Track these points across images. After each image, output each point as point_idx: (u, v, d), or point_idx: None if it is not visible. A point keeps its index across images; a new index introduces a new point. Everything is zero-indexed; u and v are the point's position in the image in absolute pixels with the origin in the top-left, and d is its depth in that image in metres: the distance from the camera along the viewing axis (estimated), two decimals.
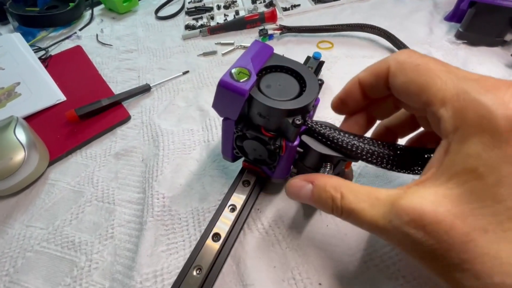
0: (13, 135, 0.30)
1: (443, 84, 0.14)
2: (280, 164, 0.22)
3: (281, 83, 0.21)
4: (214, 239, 0.22)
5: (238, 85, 0.18)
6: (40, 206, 0.29)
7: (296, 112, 0.19)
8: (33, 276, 0.24)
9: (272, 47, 0.22)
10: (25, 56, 0.47)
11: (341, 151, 0.19)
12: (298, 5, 0.54)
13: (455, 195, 0.13)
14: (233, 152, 0.25)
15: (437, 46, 0.40)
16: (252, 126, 0.21)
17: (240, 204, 0.24)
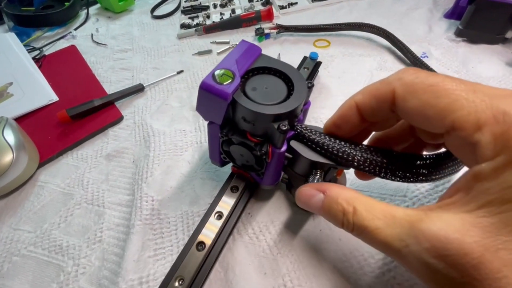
0: (1, 136, 0.29)
1: (471, 105, 0.12)
2: (268, 171, 0.21)
3: (268, 86, 0.19)
4: (199, 248, 0.21)
5: (220, 88, 0.17)
6: (28, 208, 0.29)
7: (282, 117, 0.18)
8: (19, 281, 0.24)
9: (260, 47, 0.21)
10: (19, 56, 0.46)
11: (331, 158, 0.18)
12: (295, 3, 0.53)
13: (486, 225, 0.11)
14: (220, 157, 0.24)
15: (436, 44, 0.40)
16: (237, 131, 0.20)
17: (227, 211, 0.23)
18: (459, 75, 0.35)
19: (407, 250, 0.12)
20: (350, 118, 0.18)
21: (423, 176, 0.18)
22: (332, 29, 0.43)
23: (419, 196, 0.25)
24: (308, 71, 0.34)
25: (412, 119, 0.15)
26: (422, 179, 0.18)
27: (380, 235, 0.13)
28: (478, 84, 0.13)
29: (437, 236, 0.11)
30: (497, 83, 0.33)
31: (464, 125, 0.12)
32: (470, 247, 0.11)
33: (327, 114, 0.32)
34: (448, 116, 0.13)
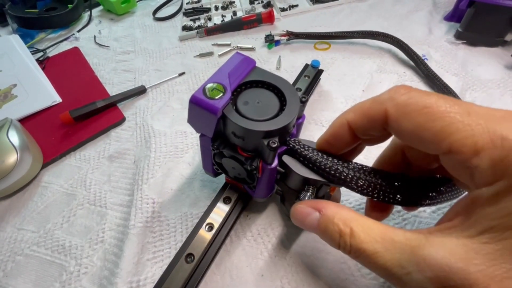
0: (6, 137, 0.30)
1: (467, 128, 0.12)
2: (260, 185, 0.21)
3: (260, 100, 0.19)
4: (187, 260, 0.21)
5: (210, 103, 0.17)
6: (32, 209, 0.29)
7: (273, 133, 0.18)
8: (22, 281, 0.24)
9: (254, 60, 0.20)
10: (23, 58, 0.47)
11: (323, 175, 0.18)
12: (296, 5, 0.53)
13: (490, 252, 0.11)
14: (213, 167, 0.24)
15: (436, 46, 0.40)
16: (228, 144, 0.20)
17: (219, 222, 0.23)
18: (459, 77, 0.35)
19: (408, 278, 0.12)
20: (342, 136, 0.17)
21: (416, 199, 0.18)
22: (344, 37, 0.42)
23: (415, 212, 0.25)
24: (309, 79, 0.34)
25: (406, 139, 0.15)
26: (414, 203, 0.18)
27: (379, 260, 0.13)
28: (471, 105, 0.13)
29: (440, 265, 0.11)
30: (496, 86, 0.33)
31: (461, 149, 0.12)
32: (475, 277, 0.11)
33: (327, 117, 0.33)
34: (444, 139, 0.13)
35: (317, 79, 0.35)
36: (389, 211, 0.20)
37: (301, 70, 0.36)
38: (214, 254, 0.22)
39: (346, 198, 0.26)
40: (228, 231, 0.23)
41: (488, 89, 0.33)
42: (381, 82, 0.36)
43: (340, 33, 0.42)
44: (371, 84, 0.36)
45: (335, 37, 0.42)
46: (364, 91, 0.35)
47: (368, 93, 0.35)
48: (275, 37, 0.44)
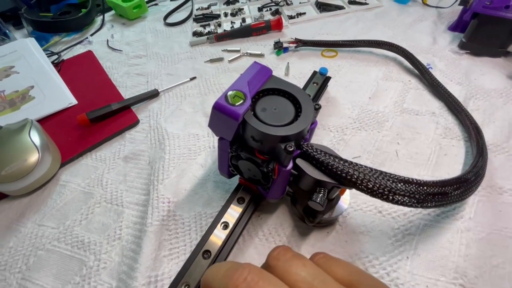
0: (28, 137, 0.31)
1: None
2: (274, 186, 0.22)
3: (277, 107, 0.20)
4: (205, 256, 0.22)
5: (232, 109, 0.18)
6: (51, 206, 0.30)
7: (289, 138, 0.19)
8: (44, 274, 0.25)
9: (271, 69, 0.22)
10: (39, 60, 0.49)
11: (335, 177, 0.19)
12: (304, 13, 0.55)
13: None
14: (229, 169, 0.25)
15: (440, 56, 0.41)
16: (246, 147, 0.21)
17: (233, 222, 0.24)
18: (462, 86, 0.36)
19: None
20: None
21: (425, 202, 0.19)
22: (351, 45, 0.43)
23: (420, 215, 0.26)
24: (317, 86, 0.35)
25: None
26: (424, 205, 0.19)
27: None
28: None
29: None
30: (499, 95, 0.34)
31: None
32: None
33: (334, 122, 0.34)
34: None
35: (325, 86, 0.36)
36: None
37: (309, 77, 0.37)
38: (228, 252, 0.23)
39: (354, 201, 0.27)
40: (242, 230, 0.25)
41: (491, 98, 0.34)
42: (387, 89, 0.37)
43: (347, 41, 0.43)
44: (377, 92, 0.37)
45: (342, 45, 0.44)
46: (370, 98, 0.36)
47: (374, 100, 0.36)
48: (284, 44, 0.46)
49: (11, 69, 0.47)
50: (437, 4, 0.52)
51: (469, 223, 0.24)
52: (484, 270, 0.22)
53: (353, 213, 0.26)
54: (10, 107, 0.41)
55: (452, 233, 0.24)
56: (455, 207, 0.25)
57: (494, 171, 0.27)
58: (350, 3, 0.56)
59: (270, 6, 0.58)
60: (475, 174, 0.23)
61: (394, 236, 0.24)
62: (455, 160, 0.29)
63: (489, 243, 0.23)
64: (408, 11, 0.52)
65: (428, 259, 0.23)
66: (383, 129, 0.33)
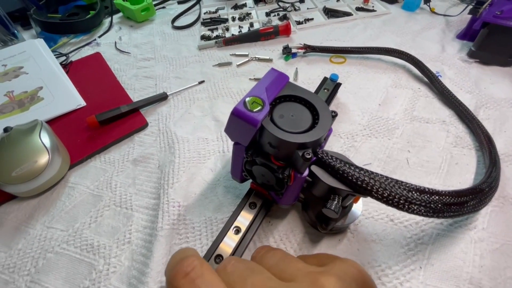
0: (38, 138, 0.31)
1: None
2: (288, 192, 0.22)
3: (294, 114, 0.21)
4: (217, 261, 0.22)
5: (251, 115, 0.18)
6: (60, 208, 0.30)
7: (307, 145, 0.19)
8: (53, 277, 0.25)
9: (287, 76, 0.22)
10: (48, 61, 0.49)
11: (350, 185, 0.19)
12: (311, 19, 0.55)
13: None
14: (242, 174, 0.25)
15: (450, 64, 0.41)
16: (262, 153, 0.21)
17: (245, 226, 0.24)
18: (472, 95, 0.36)
19: None
20: None
21: (440, 212, 0.19)
22: (359, 52, 0.43)
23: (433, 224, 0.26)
24: (328, 92, 0.36)
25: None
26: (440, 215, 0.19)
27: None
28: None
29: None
30: (509, 104, 0.34)
31: None
32: None
33: (344, 129, 0.34)
34: None
35: (335, 92, 0.36)
36: None
37: (320, 83, 0.37)
38: (240, 255, 0.23)
39: (365, 209, 0.27)
40: (253, 235, 0.24)
41: (501, 107, 0.34)
42: (397, 97, 0.37)
43: (356, 48, 0.43)
44: (387, 99, 0.37)
45: (351, 51, 0.44)
46: (380, 105, 0.37)
47: (384, 107, 0.36)
48: (293, 50, 0.46)
49: (20, 69, 0.47)
50: (445, 12, 0.52)
51: (482, 233, 0.24)
52: (499, 282, 0.22)
53: (364, 221, 0.26)
54: (19, 108, 0.41)
55: (466, 243, 0.24)
56: (468, 217, 0.25)
57: (506, 181, 0.27)
58: (358, 9, 0.56)
59: (278, 11, 0.59)
60: (489, 184, 0.23)
61: (406, 245, 0.24)
62: (466, 169, 0.29)
63: (503, 254, 0.23)
64: (416, 18, 0.52)
65: (442, 269, 0.22)
66: (393, 136, 0.33)
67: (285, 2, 0.61)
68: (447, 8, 0.54)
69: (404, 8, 0.55)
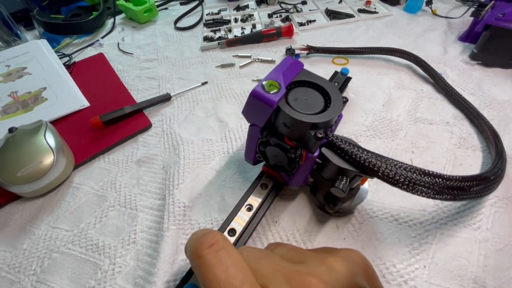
0: (43, 139, 0.31)
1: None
2: (299, 172, 0.24)
3: (308, 98, 0.22)
4: (230, 234, 0.24)
5: (268, 96, 0.20)
6: (65, 208, 0.30)
7: (319, 126, 0.20)
8: (59, 277, 0.25)
9: (302, 63, 0.23)
10: (51, 62, 0.49)
11: (358, 166, 0.20)
12: (314, 20, 0.56)
13: None
14: (255, 156, 0.26)
15: (452, 66, 0.41)
16: (276, 134, 0.23)
17: (256, 205, 0.26)
18: (475, 96, 0.36)
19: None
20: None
21: (443, 194, 0.20)
22: (362, 52, 0.44)
23: (438, 211, 0.26)
24: (338, 85, 0.37)
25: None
26: (447, 198, 0.20)
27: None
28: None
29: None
30: None
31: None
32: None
33: (348, 129, 0.34)
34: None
35: (345, 86, 0.38)
36: None
37: (331, 76, 0.39)
38: (251, 233, 0.25)
39: (370, 208, 0.27)
40: (264, 212, 0.26)
41: (504, 109, 0.34)
42: (400, 98, 0.38)
43: (359, 48, 0.44)
44: (390, 100, 0.38)
45: (354, 52, 0.44)
46: (384, 105, 0.37)
47: (387, 108, 0.36)
48: (296, 51, 0.46)
49: (23, 70, 0.47)
50: (447, 15, 0.52)
51: (486, 233, 0.24)
52: (503, 281, 0.22)
53: (369, 220, 0.26)
54: (23, 108, 0.41)
55: (470, 243, 0.24)
56: (472, 217, 0.25)
57: (510, 182, 0.27)
58: (360, 11, 0.56)
59: (280, 13, 0.59)
60: (495, 173, 0.24)
61: (411, 244, 0.24)
62: (470, 171, 0.29)
63: (506, 254, 0.23)
64: (418, 20, 0.52)
65: (446, 269, 0.23)
66: (397, 137, 0.33)
67: (287, 4, 0.61)
68: (449, 10, 0.54)
69: (406, 10, 0.55)
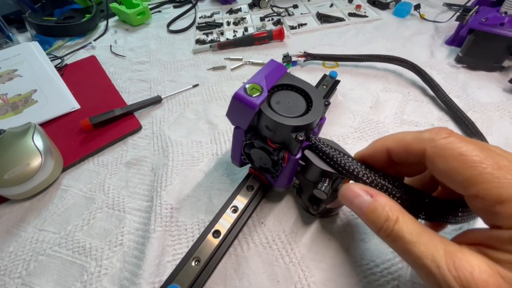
0: (31, 141, 0.31)
1: (496, 181, 0.14)
2: (282, 174, 0.24)
3: (290, 101, 0.22)
4: (214, 236, 0.24)
5: (250, 100, 0.20)
6: (52, 211, 0.30)
7: (300, 128, 0.21)
8: (45, 280, 0.25)
9: (285, 67, 0.24)
10: (42, 64, 0.49)
11: (338, 169, 0.21)
12: (305, 24, 0.56)
13: (509, 277, 0.14)
14: (241, 158, 0.27)
15: (438, 69, 0.42)
16: (259, 136, 0.23)
17: (242, 206, 0.26)
18: (460, 99, 0.37)
19: (436, 270, 0.15)
20: (379, 158, 0.20)
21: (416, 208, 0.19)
22: (360, 60, 0.43)
23: None
24: (326, 88, 0.37)
25: (438, 176, 0.17)
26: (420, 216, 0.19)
27: (414, 249, 0.15)
28: (504, 159, 0.15)
29: (468, 271, 0.14)
30: (495, 108, 0.35)
31: (487, 197, 0.14)
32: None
33: (336, 131, 0.35)
34: (473, 186, 0.15)
35: (333, 89, 0.38)
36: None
37: (319, 80, 0.39)
38: (236, 234, 0.25)
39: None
40: (250, 214, 0.26)
41: (487, 111, 0.35)
42: (387, 101, 0.38)
43: (358, 56, 0.43)
44: (378, 102, 0.38)
45: (352, 59, 0.43)
46: (371, 107, 0.37)
47: (375, 110, 0.37)
48: (293, 58, 0.45)
49: (14, 72, 0.47)
50: (434, 19, 0.53)
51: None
52: None
53: (353, 221, 0.26)
54: (12, 110, 0.41)
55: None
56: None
57: None
58: (350, 15, 0.57)
59: (272, 16, 0.60)
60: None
61: None
62: None
63: None
64: (406, 24, 0.53)
65: None
66: None
67: (279, 7, 0.62)
68: (437, 14, 0.55)
69: (395, 14, 0.56)
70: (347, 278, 0.23)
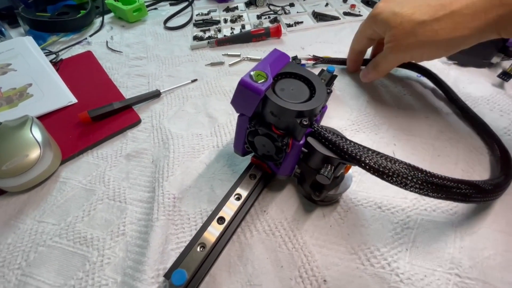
0: (30, 133, 0.31)
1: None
2: (286, 161, 0.24)
3: (294, 88, 0.23)
4: (219, 222, 0.24)
5: (255, 85, 0.21)
6: (51, 202, 0.30)
7: (304, 114, 0.21)
8: (46, 270, 0.25)
9: (288, 56, 0.24)
10: (37, 58, 0.48)
11: (340, 154, 0.21)
12: (301, 22, 0.57)
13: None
14: (244, 147, 0.27)
15: (430, 65, 0.43)
16: (264, 123, 0.24)
17: (245, 194, 0.26)
18: None
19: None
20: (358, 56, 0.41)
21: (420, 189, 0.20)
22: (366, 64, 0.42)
23: (418, 198, 0.27)
24: (324, 82, 0.38)
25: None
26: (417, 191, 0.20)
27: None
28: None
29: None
30: (485, 102, 0.37)
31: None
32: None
33: (334, 124, 0.35)
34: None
35: (331, 83, 0.39)
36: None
37: (317, 74, 0.39)
38: (240, 221, 0.25)
39: (355, 197, 0.28)
40: (253, 202, 0.27)
41: (478, 105, 0.37)
42: (384, 94, 0.39)
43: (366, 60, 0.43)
44: (374, 96, 0.39)
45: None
46: (368, 101, 0.38)
47: (371, 104, 0.38)
48: (302, 61, 0.45)
49: (8, 66, 0.46)
50: None
51: (462, 218, 0.26)
52: (477, 261, 0.23)
53: (354, 208, 0.27)
54: (7, 104, 0.40)
55: (447, 227, 0.25)
56: (449, 203, 0.27)
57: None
58: (345, 14, 0.58)
59: (269, 14, 0.61)
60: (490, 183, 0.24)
61: (393, 229, 0.25)
62: (448, 160, 0.31)
63: (480, 236, 0.25)
64: None
65: (426, 251, 0.24)
66: (380, 131, 0.34)
67: (275, 6, 0.63)
68: None
69: None
70: (349, 261, 0.24)
